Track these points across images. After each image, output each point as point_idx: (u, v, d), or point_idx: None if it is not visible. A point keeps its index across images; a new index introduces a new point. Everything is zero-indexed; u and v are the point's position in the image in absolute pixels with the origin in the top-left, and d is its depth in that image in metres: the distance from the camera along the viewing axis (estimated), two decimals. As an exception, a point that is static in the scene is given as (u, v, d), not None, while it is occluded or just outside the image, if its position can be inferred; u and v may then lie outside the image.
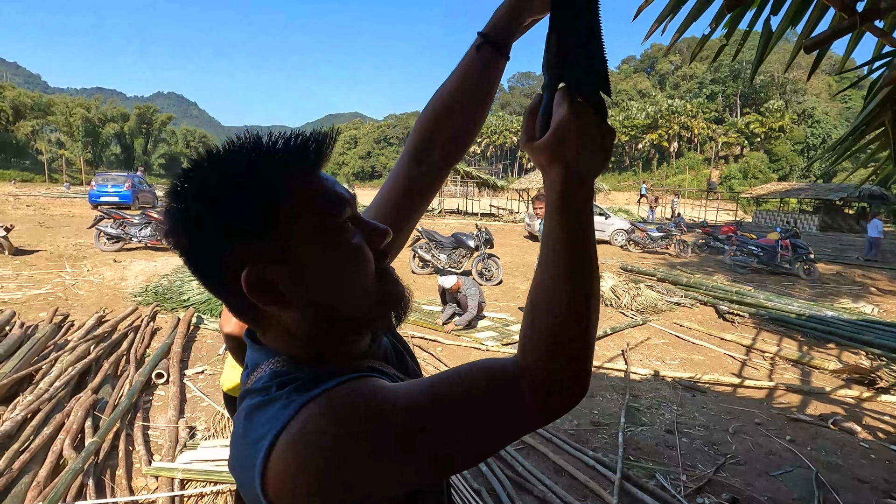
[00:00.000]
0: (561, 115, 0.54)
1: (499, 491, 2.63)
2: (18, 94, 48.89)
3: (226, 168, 0.52)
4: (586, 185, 0.55)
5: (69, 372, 3.67)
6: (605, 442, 3.28)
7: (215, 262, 0.53)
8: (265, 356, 0.58)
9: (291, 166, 0.53)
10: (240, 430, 0.53)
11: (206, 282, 0.56)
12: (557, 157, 0.54)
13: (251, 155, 0.52)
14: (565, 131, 0.54)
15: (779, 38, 1.74)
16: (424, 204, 0.81)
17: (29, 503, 2.27)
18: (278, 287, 0.53)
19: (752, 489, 2.78)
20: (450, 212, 24.26)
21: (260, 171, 0.52)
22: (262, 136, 0.53)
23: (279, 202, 0.52)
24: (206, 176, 0.52)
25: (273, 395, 0.52)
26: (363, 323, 0.58)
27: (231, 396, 1.79)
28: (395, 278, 0.61)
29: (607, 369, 4.69)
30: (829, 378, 4.68)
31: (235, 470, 0.53)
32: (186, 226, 0.53)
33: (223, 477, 2.51)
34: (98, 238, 9.47)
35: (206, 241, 0.53)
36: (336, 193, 0.56)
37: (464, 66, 0.77)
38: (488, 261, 8.57)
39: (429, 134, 0.78)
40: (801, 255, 10.33)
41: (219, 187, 0.51)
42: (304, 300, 0.54)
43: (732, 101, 56.80)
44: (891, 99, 1.73)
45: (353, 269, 0.55)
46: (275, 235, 0.52)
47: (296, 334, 0.56)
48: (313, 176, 0.55)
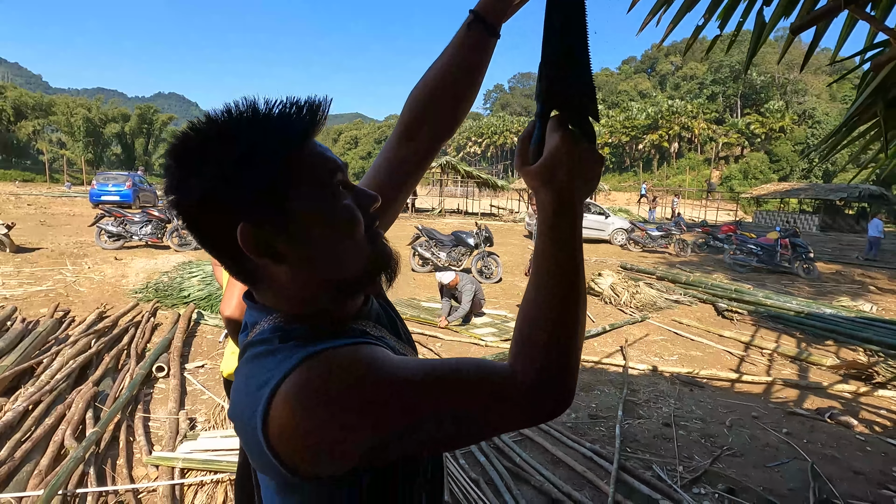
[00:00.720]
0: (554, 143, 0.57)
1: (496, 481, 2.65)
2: (20, 94, 48.89)
3: (227, 133, 0.54)
4: (575, 210, 0.57)
5: (70, 365, 3.69)
6: (603, 434, 3.30)
7: (214, 221, 0.55)
8: (264, 314, 0.60)
9: (289, 133, 0.55)
10: (242, 377, 0.55)
11: (204, 241, 0.58)
12: (549, 183, 0.57)
13: (252, 122, 0.54)
14: (558, 158, 0.56)
15: (772, 29, 1.76)
16: (413, 180, 0.83)
17: (31, 490, 2.29)
18: (273, 243, 0.55)
19: (748, 480, 2.80)
20: (450, 211, 24.28)
21: (260, 138, 0.54)
22: (260, 103, 0.55)
23: (277, 167, 0.54)
24: (209, 141, 0.54)
25: (276, 346, 0.54)
26: (355, 282, 0.61)
27: (231, 381, 1.81)
28: (384, 241, 0.63)
29: (605, 364, 4.71)
30: (826, 374, 4.70)
31: (237, 416, 0.55)
32: (187, 187, 0.54)
33: (224, 466, 2.53)
34: (99, 236, 9.50)
35: (206, 202, 0.54)
36: (330, 158, 0.58)
37: (455, 44, 0.78)
38: (488, 259, 8.59)
39: (420, 112, 0.80)
40: (801, 254, 10.34)
41: (221, 152, 0.53)
42: (298, 257, 0.56)
43: (733, 102, 56.80)
44: (882, 88, 1.75)
45: (345, 229, 0.58)
46: (272, 196, 0.54)
47: (291, 291, 0.59)
48: (308, 142, 0.57)
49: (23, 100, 48.07)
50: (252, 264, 0.57)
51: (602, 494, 2.59)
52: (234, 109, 0.55)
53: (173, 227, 9.88)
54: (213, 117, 0.55)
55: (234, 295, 1.57)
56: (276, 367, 0.51)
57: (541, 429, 3.25)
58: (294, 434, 0.49)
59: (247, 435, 0.52)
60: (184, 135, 0.55)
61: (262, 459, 0.52)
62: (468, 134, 68.72)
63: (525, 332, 0.56)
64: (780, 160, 46.46)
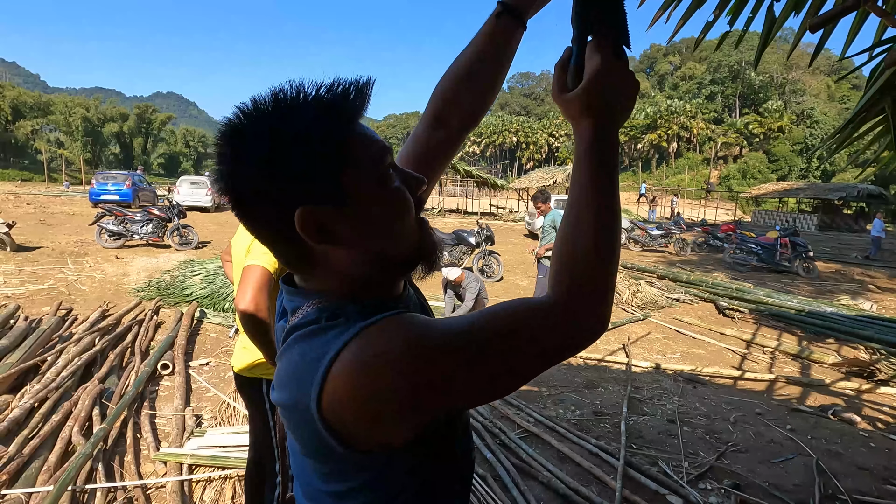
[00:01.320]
0: (597, 66, 0.57)
1: (504, 477, 2.66)
2: (18, 93, 48.86)
3: (279, 117, 0.53)
4: (614, 135, 0.58)
5: (75, 362, 3.69)
6: (608, 431, 3.31)
7: (270, 207, 0.55)
8: (305, 298, 0.60)
9: (340, 114, 0.55)
10: (294, 355, 0.55)
11: (258, 228, 0.58)
12: (590, 107, 0.57)
13: (303, 105, 0.54)
14: (602, 81, 0.56)
15: (781, 25, 1.77)
16: (440, 170, 0.84)
17: (41, 486, 2.30)
18: (330, 225, 0.55)
19: (753, 475, 2.82)
20: (450, 211, 24.29)
21: (312, 120, 0.53)
22: (307, 86, 0.55)
23: (333, 148, 0.54)
24: (261, 126, 0.53)
25: (325, 324, 0.55)
26: (405, 263, 0.61)
27: (243, 377, 1.82)
28: (430, 228, 0.64)
29: (609, 362, 4.73)
30: (828, 371, 4.72)
31: (285, 396, 0.54)
32: (242, 173, 0.54)
33: (232, 462, 2.53)
34: (99, 235, 9.49)
35: (263, 188, 0.54)
36: (379, 140, 0.58)
37: (482, 34, 0.79)
38: (489, 257, 8.60)
39: (448, 100, 0.80)
40: (801, 253, 10.37)
41: (275, 137, 0.53)
42: (355, 237, 0.57)
43: (731, 102, 56.90)
44: (891, 85, 1.77)
45: (399, 211, 0.58)
46: (329, 177, 0.54)
47: (344, 272, 0.59)
48: (357, 124, 0.57)
49: (21, 99, 48.02)
50: (307, 248, 0.57)
51: (609, 490, 2.60)
52: (281, 94, 0.54)
53: (174, 225, 9.88)
54: (260, 102, 0.54)
55: (249, 289, 1.58)
56: (332, 340, 0.51)
57: (546, 425, 3.26)
58: (354, 399, 0.48)
59: (298, 412, 0.52)
60: (234, 120, 0.54)
61: (312, 436, 0.51)
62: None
63: (566, 253, 0.56)
64: (779, 160, 46.55)
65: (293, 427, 0.55)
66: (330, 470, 0.57)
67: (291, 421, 0.55)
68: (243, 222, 0.58)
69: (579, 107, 0.58)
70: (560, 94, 0.60)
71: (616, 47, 0.58)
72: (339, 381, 0.49)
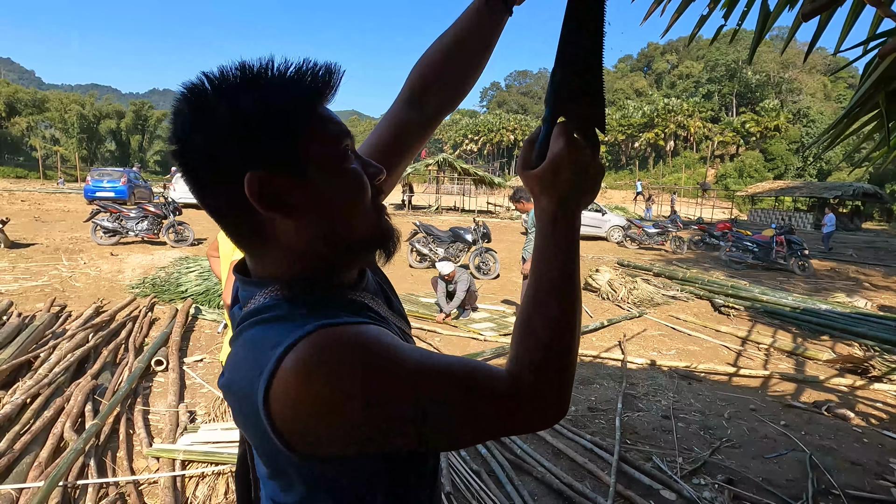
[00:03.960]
0: (557, 149, 0.56)
1: (498, 472, 2.66)
2: (13, 90, 48.50)
3: (242, 82, 0.53)
4: (575, 217, 0.57)
5: (68, 359, 3.67)
6: (603, 427, 3.31)
7: (222, 172, 0.54)
8: (258, 287, 0.59)
9: (304, 87, 0.54)
10: (247, 341, 0.54)
11: (206, 196, 0.57)
12: (550, 188, 0.57)
13: (268, 75, 0.53)
14: (560, 164, 0.56)
15: (775, 19, 1.77)
16: (412, 151, 0.82)
17: (31, 482, 2.28)
18: (283, 194, 0.54)
19: (747, 471, 2.82)
20: (447, 209, 24.27)
21: (275, 88, 0.53)
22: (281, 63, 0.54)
23: (292, 115, 0.53)
24: (223, 88, 0.53)
25: (284, 312, 0.53)
26: (362, 245, 0.60)
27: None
28: (387, 215, 0.64)
29: (604, 359, 4.73)
30: (823, 368, 4.74)
31: (233, 381, 0.53)
32: (198, 133, 0.53)
33: (225, 458, 2.52)
34: (94, 232, 9.44)
35: (217, 149, 0.53)
36: (340, 122, 0.59)
37: (468, 15, 0.78)
38: (486, 255, 8.60)
39: (426, 80, 0.79)
40: (796, 250, 10.40)
41: (235, 99, 0.52)
42: (309, 209, 0.56)
43: (728, 101, 56.98)
44: (884, 79, 1.76)
45: (355, 190, 0.58)
46: (286, 142, 0.54)
47: (297, 248, 0.57)
48: (321, 104, 0.57)
49: (16, 95, 47.68)
50: (258, 219, 0.55)
51: (603, 485, 2.60)
52: (248, 65, 0.54)
53: (169, 222, 9.84)
54: (227, 70, 0.54)
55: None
56: (288, 332, 0.49)
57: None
58: (295, 402, 0.47)
59: (246, 401, 0.50)
60: (196, 81, 0.54)
61: (258, 429, 0.50)
62: (464, 132, 68.62)
63: (523, 336, 0.55)
64: (775, 159, 46.66)
65: (239, 414, 0.53)
66: (279, 473, 0.56)
67: (239, 409, 0.53)
68: (194, 191, 0.57)
69: (541, 186, 0.57)
70: (523, 169, 0.60)
71: (586, 130, 0.58)
72: (284, 379, 0.47)
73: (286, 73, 0.54)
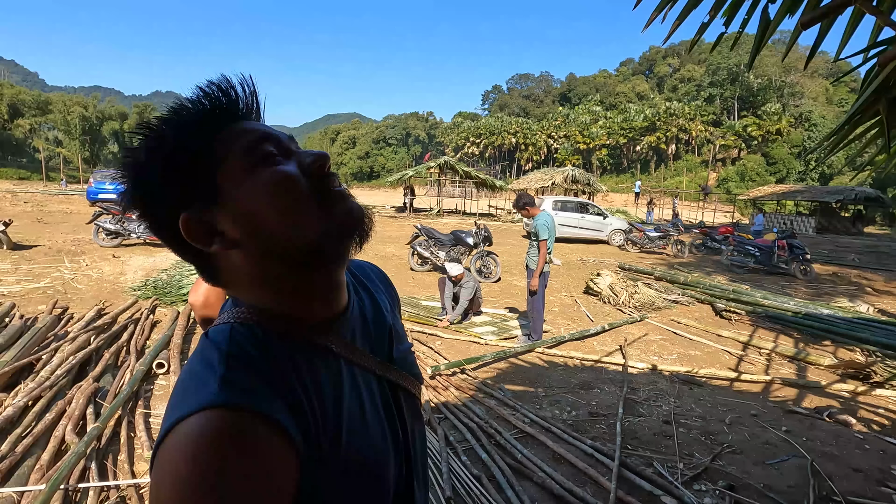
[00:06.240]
0: None
1: (498, 477, 2.65)
2: (16, 91, 48.77)
3: (150, 138, 0.56)
4: None
5: (70, 361, 3.68)
6: (603, 432, 3.31)
7: (170, 223, 0.56)
8: (230, 304, 0.60)
9: (203, 118, 0.56)
10: (184, 369, 0.55)
11: (173, 246, 0.58)
12: None
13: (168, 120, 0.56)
14: None
15: (776, 26, 1.78)
16: None
17: (32, 485, 2.29)
18: (216, 226, 0.55)
19: (748, 477, 2.82)
20: (448, 211, 24.29)
21: (176, 131, 0.55)
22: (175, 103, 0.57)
23: (196, 151, 0.55)
24: (135, 151, 0.56)
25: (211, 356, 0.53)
26: (314, 251, 0.56)
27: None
28: (345, 199, 0.58)
29: (605, 363, 4.73)
30: (824, 373, 4.72)
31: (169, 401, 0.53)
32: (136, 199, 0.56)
33: (225, 461, 2.52)
34: (97, 234, 9.47)
35: (152, 208, 0.56)
36: (253, 130, 0.57)
37: None
38: (487, 258, 8.59)
39: None
40: (798, 255, 10.38)
41: (147, 156, 0.55)
42: (243, 233, 0.55)
43: (730, 104, 56.98)
44: (885, 86, 1.77)
45: (273, 191, 0.54)
46: (199, 178, 0.55)
47: (254, 276, 0.57)
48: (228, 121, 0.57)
49: (19, 97, 47.91)
50: (208, 256, 0.57)
51: (603, 491, 2.60)
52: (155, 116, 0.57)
53: (171, 225, 9.84)
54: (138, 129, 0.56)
55: (202, 282, 1.58)
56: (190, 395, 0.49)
57: (541, 426, 3.26)
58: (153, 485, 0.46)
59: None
60: (122, 156, 0.57)
61: None
62: (466, 134, 68.70)
63: None
64: (777, 162, 46.62)
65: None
66: None
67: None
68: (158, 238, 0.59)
69: None
70: None
71: None
72: (158, 461, 0.46)
73: (183, 108, 0.56)
